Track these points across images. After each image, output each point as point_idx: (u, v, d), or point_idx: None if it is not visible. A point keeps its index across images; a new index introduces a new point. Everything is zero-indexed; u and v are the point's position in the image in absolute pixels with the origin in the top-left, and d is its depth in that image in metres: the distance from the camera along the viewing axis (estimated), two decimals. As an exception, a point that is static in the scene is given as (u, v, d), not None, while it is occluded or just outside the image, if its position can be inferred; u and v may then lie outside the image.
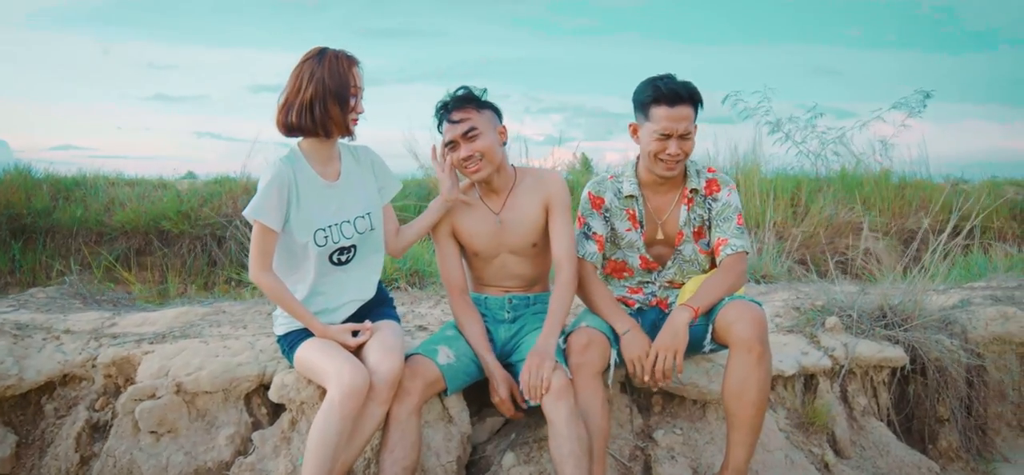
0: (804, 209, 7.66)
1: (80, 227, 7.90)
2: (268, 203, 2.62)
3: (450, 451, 2.84)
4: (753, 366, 2.61)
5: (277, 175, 2.64)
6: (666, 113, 2.78)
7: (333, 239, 2.73)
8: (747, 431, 2.65)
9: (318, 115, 2.65)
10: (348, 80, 2.67)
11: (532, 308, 3.00)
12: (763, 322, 2.65)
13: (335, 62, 2.66)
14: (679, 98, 2.78)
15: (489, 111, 2.91)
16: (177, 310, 3.71)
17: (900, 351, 3.54)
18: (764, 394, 2.63)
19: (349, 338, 2.69)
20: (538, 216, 2.94)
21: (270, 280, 2.67)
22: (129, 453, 2.84)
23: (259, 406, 3.00)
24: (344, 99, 2.67)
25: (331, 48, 2.69)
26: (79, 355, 3.19)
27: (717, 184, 2.96)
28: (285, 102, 2.67)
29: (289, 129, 2.70)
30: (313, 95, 2.63)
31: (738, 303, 2.71)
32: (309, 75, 2.64)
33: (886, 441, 3.42)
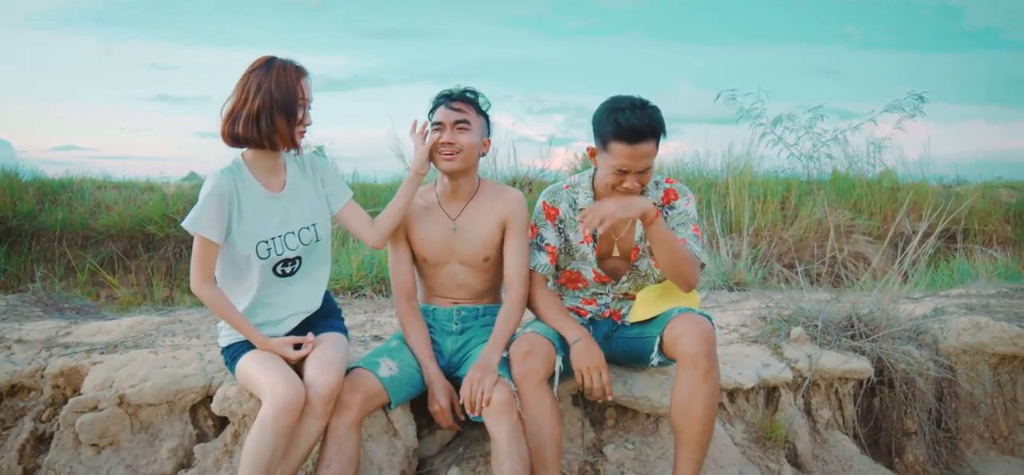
0: (793, 212, 7.59)
1: (65, 230, 7.91)
2: (206, 215, 2.58)
3: (394, 465, 2.80)
4: (700, 382, 2.56)
5: (216, 186, 2.60)
6: (625, 150, 2.65)
7: (276, 251, 2.69)
8: (694, 447, 2.60)
9: (264, 128, 2.60)
10: (296, 92, 2.63)
11: (480, 320, 2.95)
12: (710, 337, 2.59)
13: (283, 73, 2.62)
14: (640, 136, 2.63)
15: (484, 119, 2.93)
16: (134, 319, 3.68)
17: (865, 363, 3.47)
18: (711, 410, 2.58)
19: (290, 351, 2.65)
20: (493, 231, 2.90)
21: (210, 292, 2.63)
22: (69, 466, 2.81)
23: (205, 418, 2.96)
24: (291, 112, 2.62)
25: (279, 58, 2.65)
26: (29, 365, 3.16)
27: (675, 193, 2.91)
28: (231, 112, 2.63)
29: (234, 140, 2.65)
30: (260, 107, 2.58)
31: (686, 317, 2.65)
32: (256, 86, 2.59)
33: (849, 455, 3.36)
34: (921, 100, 8.83)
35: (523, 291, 2.86)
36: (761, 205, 7.37)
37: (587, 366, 2.69)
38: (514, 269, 2.87)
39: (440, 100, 2.89)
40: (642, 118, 2.64)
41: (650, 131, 2.65)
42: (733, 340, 3.63)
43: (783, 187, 7.99)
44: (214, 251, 2.63)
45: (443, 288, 2.97)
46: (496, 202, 2.92)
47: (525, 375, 2.62)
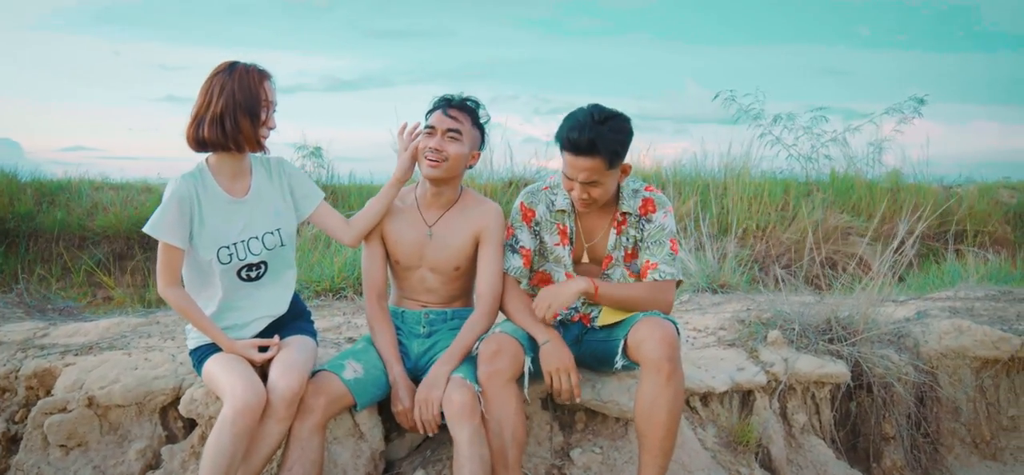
0: (791, 213, 7.55)
1: (62, 231, 7.94)
2: (166, 220, 2.58)
3: (359, 468, 2.80)
4: (662, 386, 2.54)
5: (176, 192, 2.61)
6: (568, 159, 2.70)
7: (238, 256, 2.69)
8: (657, 452, 2.58)
9: (229, 129, 2.61)
10: (259, 94, 2.63)
11: (449, 323, 2.95)
12: (673, 341, 2.58)
13: (245, 75, 2.63)
14: (578, 150, 2.64)
15: (479, 132, 2.91)
16: (111, 320, 3.70)
17: (842, 367, 3.45)
18: (674, 415, 2.56)
19: (255, 353, 2.65)
20: (467, 242, 2.90)
21: (176, 295, 2.63)
22: (37, 467, 2.83)
23: (175, 420, 2.97)
24: (255, 113, 2.63)
25: (242, 62, 2.66)
26: (3, 366, 3.18)
27: (653, 205, 2.87)
28: (195, 116, 2.63)
29: (199, 144, 2.65)
30: (223, 108, 2.59)
31: (649, 321, 2.64)
32: (219, 88, 2.60)
33: (825, 460, 3.34)
34: (921, 102, 8.79)
35: (491, 307, 2.85)
36: (759, 206, 7.34)
37: (557, 367, 2.69)
38: (485, 283, 2.87)
39: (439, 104, 2.88)
40: (585, 134, 2.62)
41: (590, 148, 2.62)
42: (710, 343, 3.61)
43: (781, 188, 7.95)
44: (178, 255, 2.63)
45: (413, 291, 2.97)
46: (473, 213, 2.91)
47: (491, 375, 2.62)
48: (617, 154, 2.68)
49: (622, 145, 2.70)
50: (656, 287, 2.80)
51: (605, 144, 2.64)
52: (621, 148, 2.69)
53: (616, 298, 2.79)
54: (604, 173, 2.69)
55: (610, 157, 2.66)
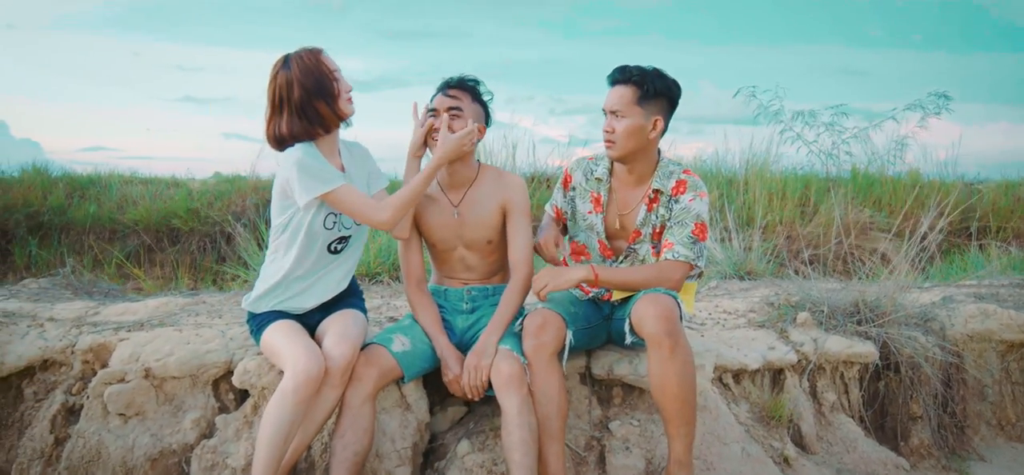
0: (813, 209, 7.61)
1: (93, 224, 8.11)
2: (321, 171, 2.68)
3: (406, 437, 2.90)
4: (667, 360, 2.58)
5: (306, 152, 2.70)
6: (607, 93, 2.89)
7: (342, 225, 2.82)
8: (678, 423, 2.64)
9: (312, 117, 2.72)
10: (322, 70, 2.73)
11: (491, 299, 3.05)
12: (671, 315, 2.59)
13: (302, 62, 2.72)
14: (615, 79, 2.86)
15: (480, 107, 2.98)
16: (159, 300, 3.82)
17: (870, 347, 3.53)
18: (686, 385, 2.60)
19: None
20: (494, 215, 2.99)
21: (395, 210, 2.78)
22: (98, 434, 2.94)
23: (226, 392, 3.08)
24: (328, 92, 2.73)
25: (292, 53, 2.76)
26: (60, 342, 3.30)
27: (685, 187, 2.92)
28: (271, 118, 2.74)
29: (281, 142, 2.76)
30: (299, 101, 2.70)
31: (648, 297, 2.66)
32: (286, 85, 2.70)
33: (854, 437, 3.41)
34: (946, 99, 8.81)
35: (526, 274, 2.94)
36: (779, 201, 7.40)
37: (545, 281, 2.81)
38: (517, 252, 2.96)
39: (440, 86, 2.97)
40: (621, 67, 2.87)
41: (624, 73, 2.85)
42: (740, 324, 3.70)
43: (802, 184, 8.01)
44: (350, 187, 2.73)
45: (453, 270, 3.07)
46: (496, 187, 3.01)
47: (537, 348, 2.71)
48: (648, 90, 2.81)
49: (657, 86, 2.82)
50: (662, 267, 2.83)
51: (640, 73, 2.81)
52: (653, 86, 2.81)
53: (618, 282, 2.86)
54: (631, 106, 2.82)
55: (640, 86, 2.81)
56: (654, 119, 2.85)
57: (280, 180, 2.77)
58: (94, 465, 2.91)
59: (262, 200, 7.97)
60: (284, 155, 2.76)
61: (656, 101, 2.85)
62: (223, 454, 2.86)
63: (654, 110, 2.85)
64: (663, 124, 2.89)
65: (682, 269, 2.82)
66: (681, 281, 2.83)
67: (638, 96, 2.82)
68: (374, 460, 2.81)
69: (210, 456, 2.86)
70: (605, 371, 3.08)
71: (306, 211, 2.74)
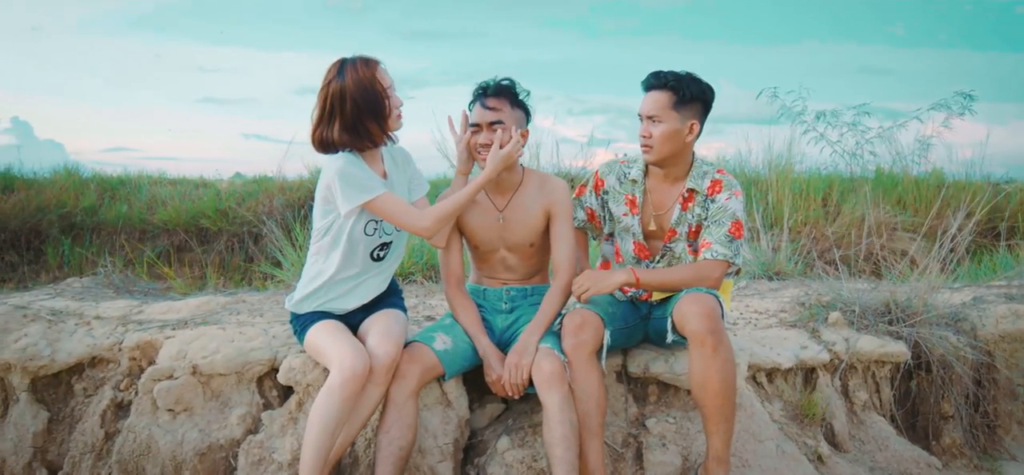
0: (836, 209, 7.61)
1: (124, 224, 8.23)
2: (362, 180, 2.74)
3: (447, 433, 2.97)
4: (709, 358, 2.63)
5: (348, 160, 2.77)
6: (643, 99, 2.94)
7: (383, 231, 2.88)
8: (718, 420, 2.70)
9: (361, 131, 2.78)
10: (376, 87, 2.76)
11: (529, 299, 3.11)
12: (713, 313, 2.66)
13: (357, 74, 2.74)
14: (650, 84, 2.90)
15: (521, 112, 3.00)
16: (200, 299, 3.91)
17: (902, 346, 3.56)
18: (727, 383, 2.65)
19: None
20: (539, 219, 3.05)
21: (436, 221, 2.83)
22: (148, 429, 3.03)
23: (270, 388, 3.16)
24: (379, 111, 2.78)
25: (349, 59, 2.78)
26: (107, 339, 3.39)
27: (720, 186, 2.96)
28: (318, 123, 2.79)
29: (326, 147, 2.81)
30: (351, 115, 2.74)
31: (690, 296, 2.73)
32: (339, 95, 2.73)
33: (886, 435, 3.45)
34: (970, 99, 8.75)
35: (569, 277, 2.99)
36: (803, 201, 7.41)
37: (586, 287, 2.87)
38: (560, 255, 3.02)
39: (477, 95, 2.99)
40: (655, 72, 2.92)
41: (660, 79, 2.89)
42: (772, 324, 3.74)
43: (825, 184, 8.01)
44: (392, 196, 2.79)
45: (493, 270, 3.13)
46: (540, 192, 3.06)
47: (576, 347, 2.77)
48: (684, 95, 2.86)
49: (692, 91, 2.87)
50: (701, 266, 2.88)
51: (676, 79, 2.86)
52: (689, 91, 2.86)
53: (659, 283, 2.92)
54: (668, 111, 2.86)
55: (676, 91, 2.85)
56: (690, 123, 2.90)
57: (322, 186, 2.83)
58: (144, 459, 2.99)
59: (289, 201, 8.08)
60: (327, 161, 2.82)
61: (692, 105, 2.90)
62: (269, 449, 2.93)
63: (690, 114, 2.90)
64: (699, 128, 2.94)
65: (721, 267, 2.87)
66: (720, 279, 2.88)
67: (674, 101, 2.86)
68: (417, 455, 2.88)
69: (257, 451, 2.94)
70: (641, 369, 3.13)
71: (347, 218, 2.80)
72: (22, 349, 3.31)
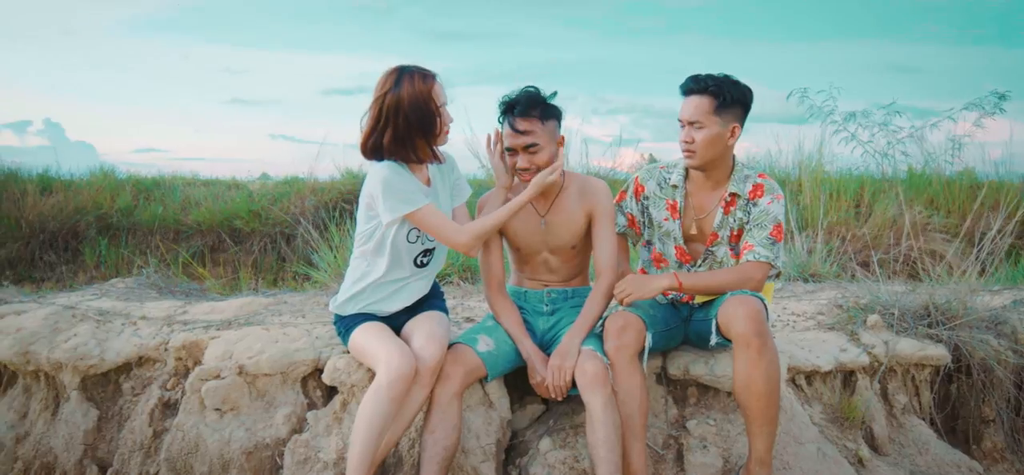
0: (867, 209, 7.56)
1: (159, 225, 8.36)
2: (405, 191, 2.77)
3: (490, 434, 3.00)
4: (754, 360, 2.65)
5: (393, 171, 2.80)
6: (682, 102, 2.95)
7: (425, 238, 2.92)
8: (762, 422, 2.71)
9: (408, 146, 2.81)
10: (430, 105, 2.79)
11: (570, 302, 3.13)
12: (759, 316, 2.67)
13: (413, 89, 2.75)
14: (690, 89, 2.91)
15: (553, 121, 2.98)
16: (242, 300, 3.97)
17: (942, 350, 3.54)
18: (772, 385, 2.67)
19: None
20: (580, 222, 3.07)
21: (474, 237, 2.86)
22: (196, 428, 3.09)
23: (314, 388, 3.21)
24: (429, 130, 2.81)
25: (407, 68, 2.79)
26: (153, 339, 3.47)
27: (762, 190, 2.99)
28: (370, 132, 2.81)
29: (374, 153, 2.84)
30: (402, 129, 2.77)
31: (736, 298, 2.74)
32: (393, 107, 2.75)
33: (926, 439, 3.44)
34: (1002, 98, 8.67)
35: (611, 280, 3.01)
36: (834, 202, 7.37)
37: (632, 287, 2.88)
38: (602, 257, 3.04)
39: (504, 116, 2.98)
40: (694, 76, 2.92)
41: (699, 84, 2.90)
42: (810, 326, 3.74)
43: (856, 184, 7.96)
44: (434, 208, 2.83)
45: (535, 273, 3.16)
46: (582, 195, 3.08)
47: (619, 349, 2.79)
48: (724, 99, 2.86)
49: (731, 93, 2.87)
50: (743, 268, 2.90)
51: (714, 83, 2.86)
52: (729, 94, 2.87)
53: (702, 287, 2.93)
54: (709, 116, 2.87)
55: (716, 96, 2.86)
56: (731, 127, 2.92)
57: (366, 192, 2.88)
58: (193, 457, 3.05)
59: (320, 201, 8.16)
60: (372, 169, 2.86)
61: (732, 109, 2.91)
62: (315, 448, 2.98)
63: (731, 118, 2.91)
64: (739, 130, 2.95)
65: (763, 269, 2.89)
66: (762, 281, 2.89)
67: (715, 105, 2.88)
68: (460, 456, 2.92)
69: (303, 450, 2.99)
70: (681, 371, 3.14)
71: (389, 227, 2.85)
72: (72, 349, 3.39)
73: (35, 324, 3.56)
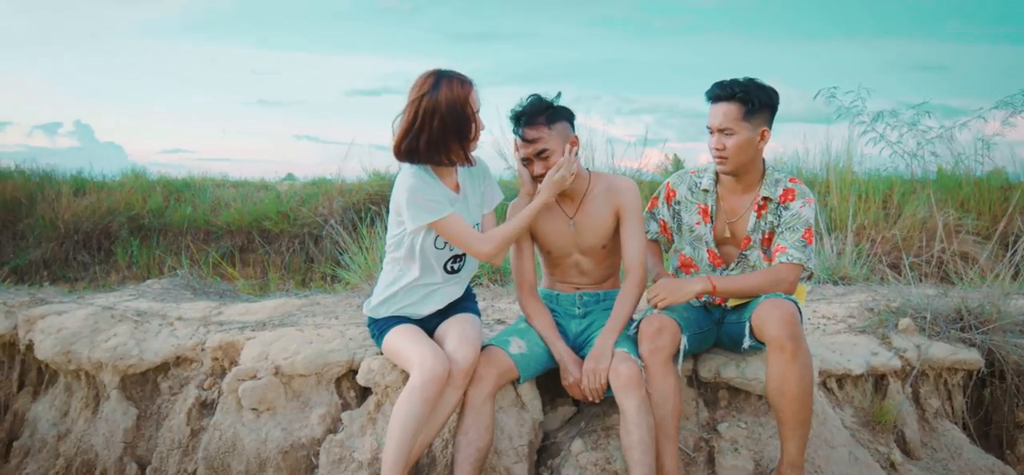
0: (896, 211, 7.50)
1: (189, 225, 8.47)
2: (430, 200, 2.81)
3: (522, 435, 3.03)
4: (788, 363, 2.66)
5: (419, 180, 2.83)
6: (710, 109, 2.97)
7: (452, 246, 2.95)
8: (794, 425, 2.72)
9: (443, 150, 2.84)
10: (467, 110, 2.82)
11: (602, 304, 3.15)
12: (792, 319, 2.68)
13: (451, 94, 2.78)
14: (718, 96, 2.93)
15: (561, 123, 3.01)
16: (276, 301, 4.04)
17: (975, 354, 3.52)
18: (805, 388, 2.68)
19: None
20: (609, 221, 3.09)
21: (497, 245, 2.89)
22: (233, 428, 3.15)
23: (348, 389, 3.26)
24: (465, 134, 2.85)
25: (445, 73, 2.82)
26: (190, 339, 3.54)
27: (793, 194, 3.01)
28: (404, 133, 2.82)
29: (408, 156, 2.86)
30: (436, 132, 2.79)
31: (769, 301, 2.76)
32: (430, 111, 2.78)
33: (959, 444, 3.42)
34: None
35: (640, 277, 3.04)
36: (863, 204, 7.32)
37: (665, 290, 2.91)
38: (631, 255, 3.07)
39: (513, 128, 3.01)
40: (723, 82, 2.94)
41: (726, 90, 2.91)
42: (841, 329, 3.73)
43: (885, 185, 7.89)
44: (458, 217, 2.86)
45: (566, 275, 3.19)
46: (609, 195, 3.10)
47: (654, 352, 2.81)
48: (753, 104, 2.88)
49: (759, 98, 2.89)
50: (776, 270, 2.92)
51: (742, 89, 2.88)
52: (757, 99, 2.89)
53: (735, 290, 2.95)
54: (739, 122, 2.90)
55: (745, 102, 2.88)
56: (761, 131, 2.94)
57: (394, 200, 2.92)
58: (230, 456, 3.11)
59: (348, 203, 8.23)
60: (399, 177, 2.90)
61: (761, 113, 2.93)
62: (350, 448, 3.03)
63: (760, 122, 2.93)
64: (768, 133, 2.97)
65: (796, 271, 2.91)
66: (795, 283, 2.91)
67: (744, 112, 2.90)
68: (493, 456, 2.95)
69: (337, 450, 3.03)
70: (712, 374, 3.16)
71: (416, 234, 2.88)
72: (112, 348, 3.47)
73: (76, 324, 3.64)
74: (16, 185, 8.95)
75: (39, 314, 3.81)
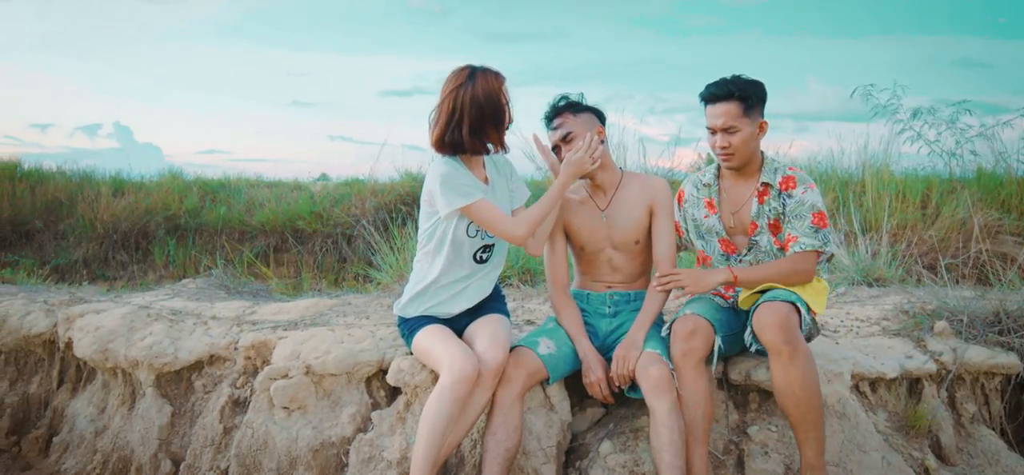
0: (935, 211, 7.37)
1: (224, 225, 8.60)
2: (462, 185, 2.86)
3: (550, 436, 3.03)
4: (787, 367, 2.67)
5: (451, 167, 2.89)
6: (708, 111, 3.02)
7: (484, 233, 2.98)
8: (806, 427, 2.72)
9: (481, 137, 2.89)
10: (501, 101, 2.90)
11: (632, 304, 3.15)
12: (787, 322, 2.68)
13: (486, 85, 2.86)
14: (715, 96, 2.98)
15: (587, 114, 3.11)
16: (308, 301, 4.08)
17: (1014, 358, 3.45)
18: (810, 389, 2.67)
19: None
20: (642, 216, 3.12)
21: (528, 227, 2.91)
22: (265, 426, 3.19)
23: (378, 389, 3.29)
24: (501, 121, 2.91)
25: (478, 67, 2.90)
26: (224, 338, 3.59)
27: (793, 182, 3.03)
28: (445, 125, 2.88)
29: (452, 147, 2.91)
30: (475, 120, 2.86)
31: (765, 306, 2.76)
32: (469, 101, 2.85)
33: (995, 450, 3.35)
34: None
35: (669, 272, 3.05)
36: (900, 204, 7.20)
37: None
38: (661, 251, 3.10)
39: (544, 121, 3.15)
40: (719, 82, 3.00)
41: (723, 90, 2.97)
42: (875, 332, 3.68)
43: (923, 185, 7.75)
44: (488, 204, 2.89)
45: (598, 273, 3.20)
46: (642, 191, 3.15)
47: (686, 354, 2.82)
48: (750, 99, 2.95)
49: (754, 92, 2.97)
50: (795, 259, 2.95)
51: (737, 86, 2.95)
52: (753, 94, 2.96)
53: (756, 279, 2.96)
54: (740, 118, 2.96)
55: (743, 99, 2.95)
56: (759, 123, 3.03)
57: (426, 190, 2.96)
58: (262, 454, 3.16)
59: (380, 203, 8.29)
60: (431, 167, 2.94)
61: (757, 107, 3.02)
62: (379, 447, 3.06)
63: (757, 115, 3.02)
64: (767, 124, 3.06)
65: (810, 258, 2.95)
66: (812, 270, 2.96)
67: (743, 108, 2.97)
68: (521, 457, 2.96)
69: (367, 449, 3.06)
70: (742, 377, 3.13)
71: (449, 221, 2.91)
72: (148, 347, 3.54)
73: (113, 323, 3.72)
74: (57, 186, 9.17)
75: (78, 313, 3.90)
